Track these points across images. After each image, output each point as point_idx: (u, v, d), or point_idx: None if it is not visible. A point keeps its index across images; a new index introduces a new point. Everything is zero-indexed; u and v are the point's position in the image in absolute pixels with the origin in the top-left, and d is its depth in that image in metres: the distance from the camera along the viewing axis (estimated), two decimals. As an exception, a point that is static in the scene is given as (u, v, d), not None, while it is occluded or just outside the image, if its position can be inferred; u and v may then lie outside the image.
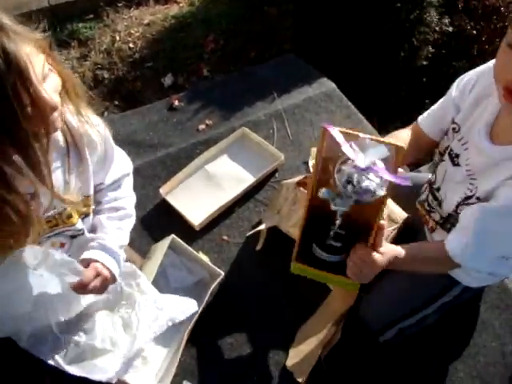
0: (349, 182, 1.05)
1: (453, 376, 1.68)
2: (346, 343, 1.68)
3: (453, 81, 1.49)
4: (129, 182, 1.48)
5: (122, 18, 3.76)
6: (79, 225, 1.27)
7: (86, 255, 1.26)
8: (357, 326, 1.70)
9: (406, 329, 1.64)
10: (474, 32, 3.07)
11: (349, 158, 1.05)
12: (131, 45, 3.58)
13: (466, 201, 1.33)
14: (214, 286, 1.72)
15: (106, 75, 3.41)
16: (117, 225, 1.35)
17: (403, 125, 1.67)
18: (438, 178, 1.49)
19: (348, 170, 1.05)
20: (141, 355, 1.53)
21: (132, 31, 3.66)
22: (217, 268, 1.78)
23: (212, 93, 2.54)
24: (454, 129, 1.41)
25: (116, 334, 1.40)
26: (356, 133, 1.09)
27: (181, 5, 3.90)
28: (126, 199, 1.42)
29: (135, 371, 1.48)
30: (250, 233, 1.96)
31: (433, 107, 1.56)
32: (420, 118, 1.58)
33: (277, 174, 2.17)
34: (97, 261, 1.25)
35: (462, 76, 1.45)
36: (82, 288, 1.19)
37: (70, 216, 1.22)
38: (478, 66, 1.41)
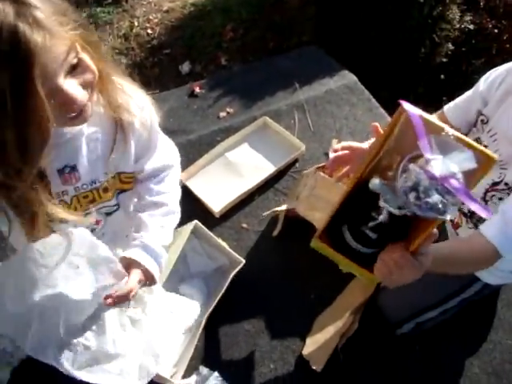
0: (414, 189, 0.82)
1: (468, 371, 1.69)
2: (364, 334, 1.69)
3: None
4: (173, 176, 1.44)
5: (141, 4, 3.77)
6: (114, 200, 1.27)
7: (127, 254, 1.23)
8: (375, 317, 1.71)
9: (424, 323, 1.65)
10: (496, 31, 3.07)
11: (421, 156, 0.83)
12: (149, 31, 3.58)
13: (493, 186, 1.35)
14: (234, 273, 1.72)
15: (124, 60, 3.41)
16: (160, 222, 1.32)
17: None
18: None
19: (417, 173, 0.82)
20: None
21: (151, 17, 3.67)
22: (238, 255, 1.78)
23: (233, 81, 2.54)
24: (482, 120, 1.42)
25: (127, 336, 1.33)
26: (441, 124, 0.86)
27: (200, -8, 3.90)
28: (169, 195, 1.38)
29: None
30: (267, 213, 1.98)
31: (459, 98, 1.54)
32: (446, 107, 1.57)
33: (297, 164, 2.17)
34: (139, 263, 1.23)
35: (490, 71, 1.45)
36: (124, 299, 1.18)
37: (106, 189, 1.23)
38: (497, 64, 1.42)
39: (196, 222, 1.77)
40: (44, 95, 0.82)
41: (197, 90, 2.47)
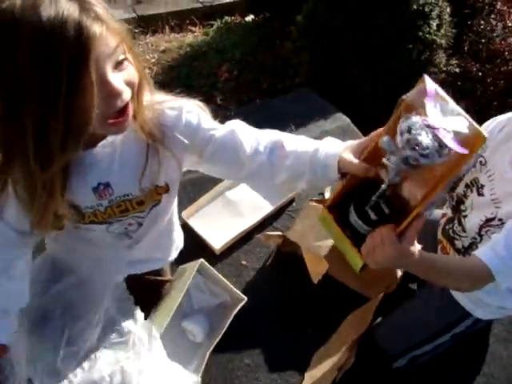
0: (408, 130, 0.92)
1: (461, 404, 1.75)
2: (360, 367, 1.74)
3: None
4: (246, 128, 1.31)
5: (138, 44, 3.87)
6: (146, 212, 1.32)
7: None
8: (371, 351, 1.77)
9: (419, 357, 1.71)
10: (480, 74, 3.21)
11: (425, 114, 0.93)
12: (146, 71, 3.68)
13: (488, 222, 1.42)
14: (236, 310, 1.77)
15: (122, 99, 3.49)
16: (299, 143, 1.31)
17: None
18: (467, 207, 1.56)
19: (415, 119, 0.92)
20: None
21: (148, 57, 3.77)
22: (240, 293, 1.84)
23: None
24: (480, 162, 1.50)
25: None
26: (449, 99, 0.96)
27: (195, 34, 4.03)
28: (265, 137, 1.30)
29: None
30: (260, 235, 2.10)
31: None
32: None
33: (294, 203, 2.26)
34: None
35: (493, 118, 1.53)
36: None
37: (140, 203, 1.27)
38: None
39: (202, 260, 1.81)
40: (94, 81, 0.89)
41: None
